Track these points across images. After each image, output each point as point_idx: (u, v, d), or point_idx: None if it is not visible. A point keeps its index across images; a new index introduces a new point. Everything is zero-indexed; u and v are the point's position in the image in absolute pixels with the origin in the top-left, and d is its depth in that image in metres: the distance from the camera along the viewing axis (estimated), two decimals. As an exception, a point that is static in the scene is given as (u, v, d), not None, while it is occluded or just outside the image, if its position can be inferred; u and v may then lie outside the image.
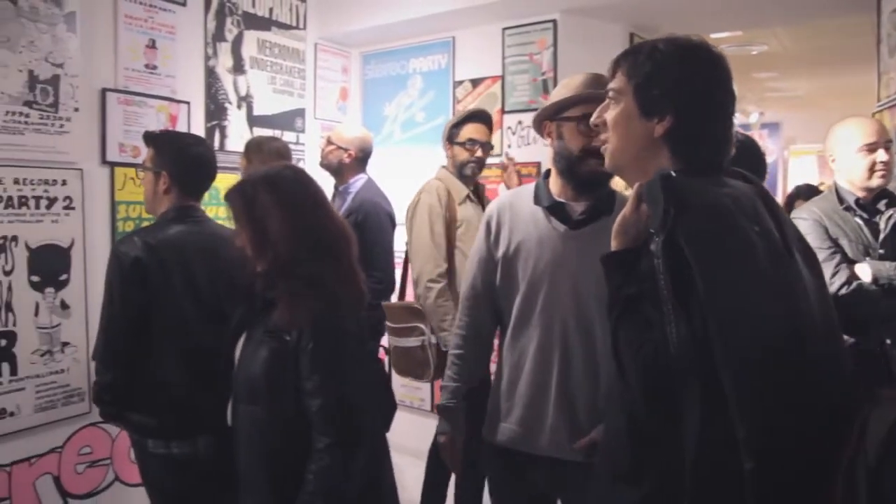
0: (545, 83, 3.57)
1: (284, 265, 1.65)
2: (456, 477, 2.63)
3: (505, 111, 3.74)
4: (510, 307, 1.85)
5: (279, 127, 3.84)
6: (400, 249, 3.13)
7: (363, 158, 3.24)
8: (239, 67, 3.62)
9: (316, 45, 4.11)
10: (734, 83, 1.21)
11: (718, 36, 4.68)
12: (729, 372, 0.98)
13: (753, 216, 1.08)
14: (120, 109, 3.04)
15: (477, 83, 3.87)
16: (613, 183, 1.91)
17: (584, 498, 1.69)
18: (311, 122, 4.08)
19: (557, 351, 1.77)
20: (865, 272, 2.20)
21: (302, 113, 4.01)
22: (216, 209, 3.24)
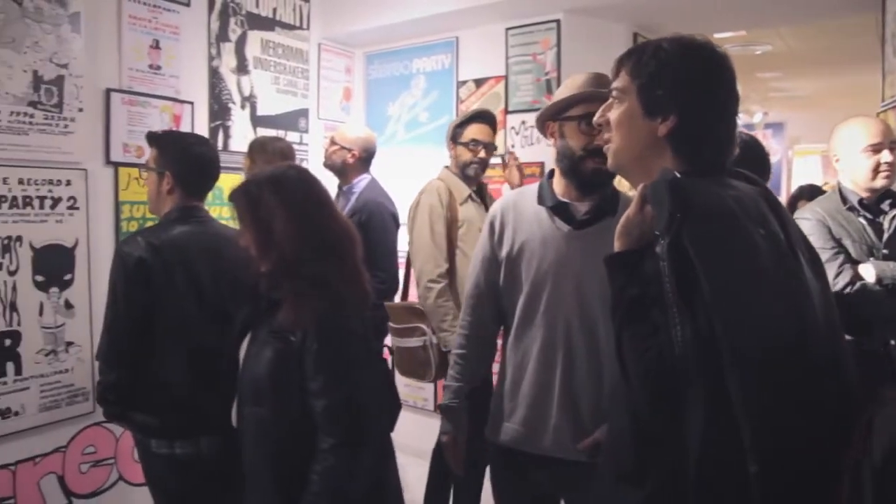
0: (549, 83, 3.57)
1: (289, 265, 1.65)
2: (449, 476, 2.63)
3: (508, 111, 3.73)
4: (513, 307, 1.85)
5: (283, 127, 3.84)
6: (403, 249, 3.13)
7: (367, 158, 3.25)
8: (242, 68, 3.63)
9: (319, 45, 4.11)
10: (738, 83, 1.21)
11: (722, 36, 4.67)
12: (734, 373, 0.98)
13: (758, 218, 1.08)
14: (124, 110, 3.04)
15: (480, 83, 3.87)
16: (620, 184, 1.90)
17: (587, 498, 1.69)
18: (314, 122, 4.08)
19: (561, 351, 1.77)
20: (869, 272, 2.19)
21: (305, 113, 4.02)
22: (220, 209, 3.25)
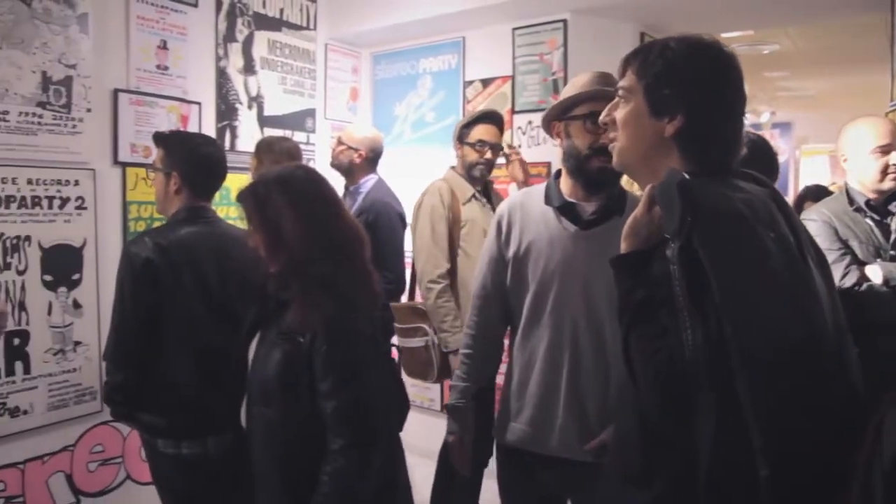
0: (555, 83, 3.56)
1: (297, 265, 1.65)
2: (456, 476, 2.62)
3: (515, 111, 3.73)
4: (520, 307, 1.85)
5: (290, 127, 3.85)
6: (410, 249, 3.13)
7: (374, 158, 3.25)
8: (249, 68, 3.63)
9: (326, 45, 4.11)
10: (745, 82, 1.20)
11: (729, 35, 4.65)
12: (743, 375, 0.98)
13: (767, 221, 1.07)
14: (132, 110, 3.05)
15: (487, 83, 3.87)
16: (630, 186, 1.90)
17: (594, 498, 1.69)
18: (321, 122, 4.09)
19: (567, 351, 1.77)
20: (876, 274, 2.18)
21: (312, 113, 4.02)
22: (227, 209, 3.26)
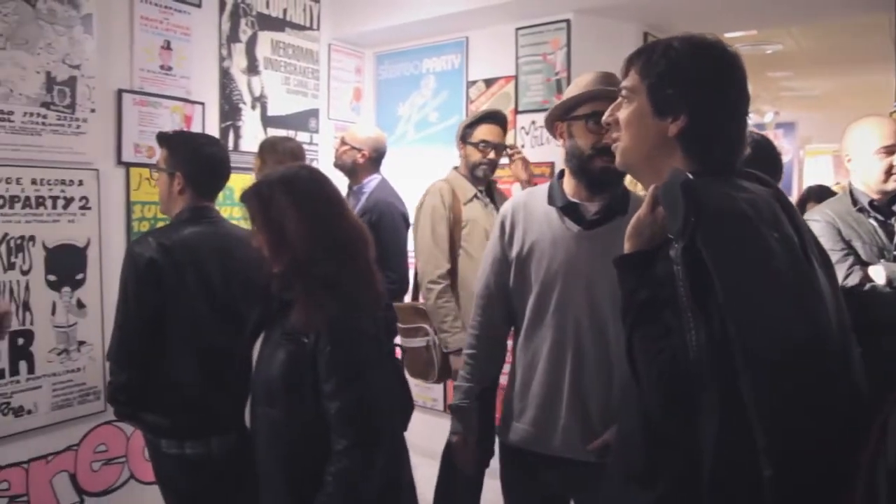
0: (559, 83, 3.56)
1: (301, 265, 1.65)
2: (456, 476, 2.62)
3: (518, 111, 3.73)
4: (523, 307, 1.85)
5: (293, 127, 3.85)
6: (413, 249, 3.13)
7: (377, 158, 3.25)
8: (253, 68, 3.64)
9: (329, 45, 4.12)
10: (749, 82, 1.20)
11: (733, 35, 4.65)
12: (748, 375, 0.98)
13: (771, 221, 1.07)
14: (135, 110, 3.06)
15: (490, 83, 3.86)
16: (634, 186, 1.90)
17: (597, 498, 1.69)
18: (324, 122, 4.09)
19: (570, 350, 1.77)
20: (879, 274, 2.18)
21: (316, 113, 4.02)
22: (230, 209, 3.26)
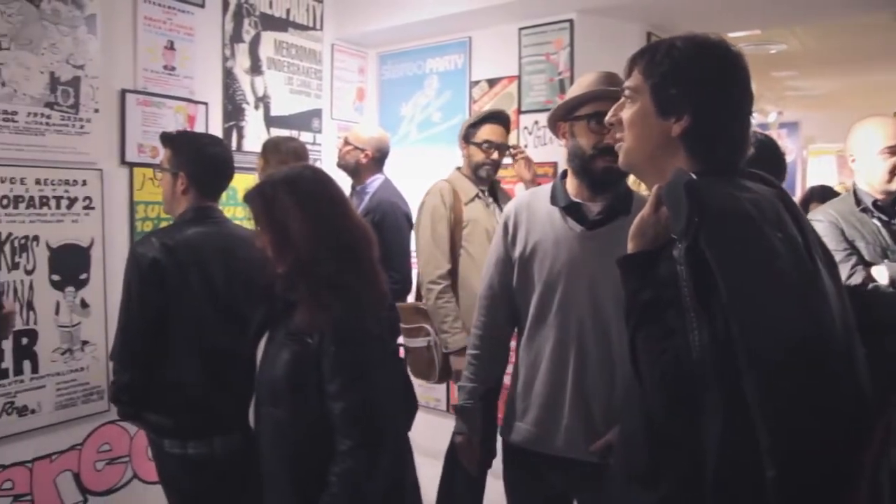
0: (562, 83, 3.56)
1: (304, 265, 1.65)
2: (460, 476, 2.62)
3: (521, 111, 3.72)
4: (526, 307, 1.85)
5: (296, 127, 3.85)
6: (414, 249, 3.13)
7: (380, 159, 3.26)
8: (256, 68, 3.64)
9: (332, 45, 4.12)
10: (752, 82, 1.20)
11: (736, 35, 4.64)
12: (751, 375, 0.97)
13: (776, 222, 1.06)
14: (139, 110, 3.06)
15: (493, 83, 3.86)
16: (638, 187, 1.89)
17: (600, 498, 1.69)
18: (327, 122, 4.09)
19: (573, 350, 1.77)
20: (882, 274, 2.17)
21: (319, 113, 4.02)
22: (233, 209, 3.27)
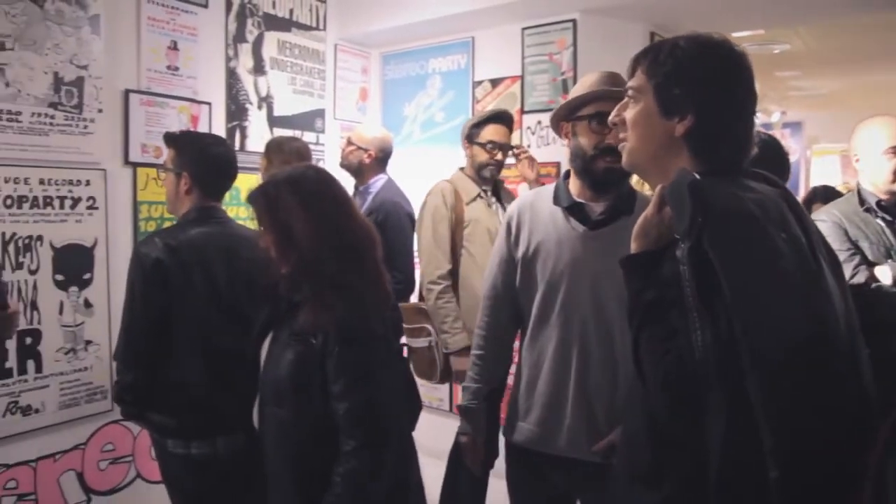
0: (565, 83, 3.55)
1: (308, 266, 1.64)
2: (463, 476, 2.62)
3: (524, 111, 3.72)
4: (529, 307, 1.85)
5: (299, 127, 3.85)
6: (416, 249, 3.14)
7: (383, 158, 3.26)
8: (259, 68, 3.64)
9: (336, 45, 4.12)
10: (756, 82, 1.19)
11: (740, 35, 4.63)
12: (754, 375, 0.97)
13: (780, 222, 1.06)
14: (142, 110, 3.07)
15: (496, 83, 3.86)
16: (641, 187, 1.89)
17: (603, 498, 1.69)
18: (330, 122, 4.09)
19: (576, 350, 1.76)
20: (886, 274, 2.17)
21: (322, 113, 4.03)
22: (236, 209, 3.27)
